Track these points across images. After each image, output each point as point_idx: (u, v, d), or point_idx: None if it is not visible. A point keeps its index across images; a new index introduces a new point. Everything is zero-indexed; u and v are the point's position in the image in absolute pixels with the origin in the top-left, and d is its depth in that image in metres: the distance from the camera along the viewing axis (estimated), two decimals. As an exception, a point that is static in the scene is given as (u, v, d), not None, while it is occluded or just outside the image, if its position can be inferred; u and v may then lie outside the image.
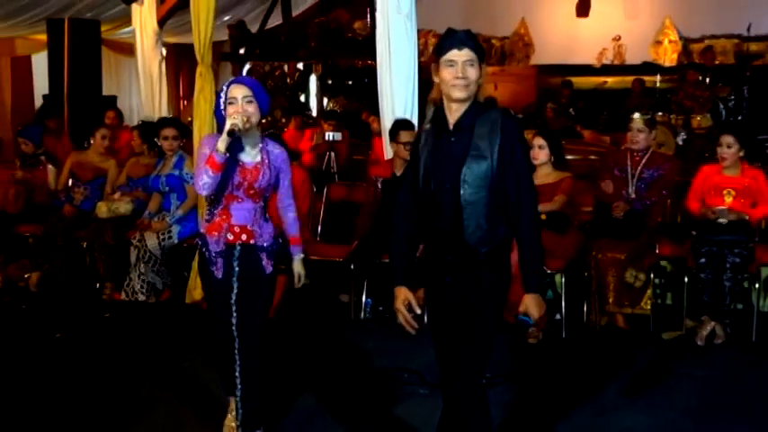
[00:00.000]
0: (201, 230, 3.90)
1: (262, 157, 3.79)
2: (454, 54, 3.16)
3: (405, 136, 6.15)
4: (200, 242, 3.87)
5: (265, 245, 3.85)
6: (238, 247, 3.78)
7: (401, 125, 6.26)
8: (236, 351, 3.77)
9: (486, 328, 3.29)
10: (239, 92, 3.69)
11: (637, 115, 6.16)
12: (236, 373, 3.78)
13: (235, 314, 3.77)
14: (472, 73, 3.16)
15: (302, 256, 4.15)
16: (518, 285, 5.39)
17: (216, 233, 3.77)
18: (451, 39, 3.21)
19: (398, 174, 6.24)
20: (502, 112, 3.28)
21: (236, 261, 3.78)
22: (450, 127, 3.22)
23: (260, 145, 3.81)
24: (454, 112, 3.21)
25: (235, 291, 3.78)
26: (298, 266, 4.13)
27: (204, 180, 3.57)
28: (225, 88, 3.76)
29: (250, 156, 3.77)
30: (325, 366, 5.17)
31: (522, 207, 3.19)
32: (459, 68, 3.15)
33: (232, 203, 3.77)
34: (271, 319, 5.82)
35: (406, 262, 3.37)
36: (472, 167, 3.15)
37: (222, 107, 3.71)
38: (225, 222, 3.78)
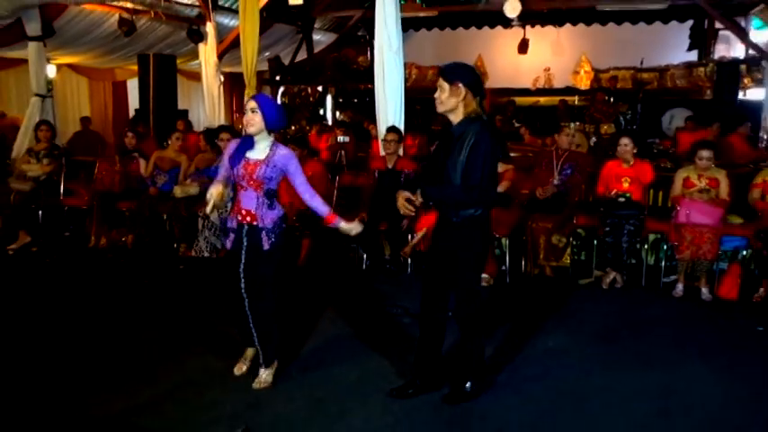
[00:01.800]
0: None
1: (266, 155, 3.51)
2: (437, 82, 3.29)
3: (387, 136, 6.23)
4: None
5: (266, 226, 3.54)
6: (246, 227, 3.57)
7: (388, 129, 6.32)
8: (246, 309, 3.63)
9: (462, 277, 3.37)
10: (249, 105, 3.50)
11: (572, 124, 6.18)
12: (251, 325, 3.64)
13: (243, 280, 3.60)
14: (440, 94, 3.26)
15: (342, 224, 3.62)
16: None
17: (233, 213, 3.65)
18: None
19: (390, 166, 6.21)
20: (481, 125, 3.23)
21: (245, 237, 3.58)
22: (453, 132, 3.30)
23: (268, 146, 3.53)
24: (453, 121, 3.29)
25: (243, 262, 3.59)
26: (344, 228, 3.63)
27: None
28: (246, 101, 3.62)
29: (256, 153, 3.53)
30: (336, 302, 5.16)
31: (461, 182, 3.20)
32: (435, 93, 3.27)
33: (240, 191, 3.60)
34: (300, 266, 5.91)
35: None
36: (453, 161, 3.20)
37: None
38: (237, 206, 3.63)
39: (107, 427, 3.29)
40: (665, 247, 5.63)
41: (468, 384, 3.50)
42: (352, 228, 3.67)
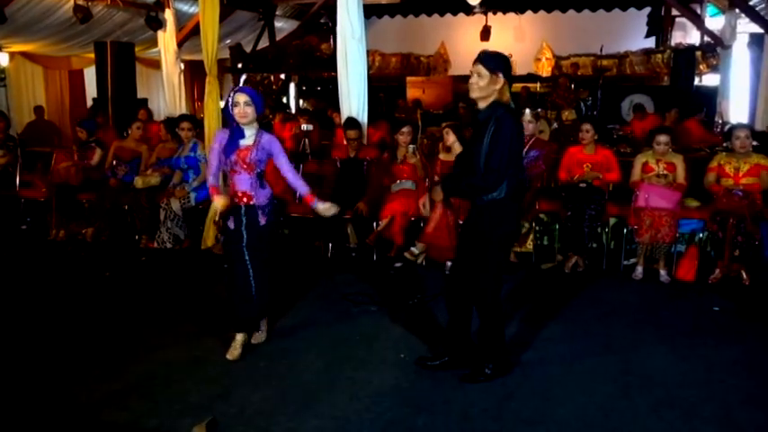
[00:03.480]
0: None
1: (254, 141, 3.85)
2: (471, 68, 3.39)
3: (349, 133, 6.15)
4: None
5: (261, 204, 3.90)
6: (243, 207, 3.89)
7: (348, 125, 6.20)
8: (251, 278, 3.92)
9: (484, 254, 3.44)
10: (241, 98, 3.77)
11: (527, 111, 6.20)
12: (254, 292, 3.92)
13: (247, 254, 3.90)
14: (477, 80, 3.34)
15: (319, 205, 3.98)
16: (445, 235, 5.45)
17: (231, 196, 3.94)
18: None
19: (352, 156, 6.18)
20: (505, 110, 3.34)
21: (244, 217, 3.89)
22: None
23: (255, 133, 3.87)
24: (480, 107, 3.40)
25: (245, 238, 3.89)
26: (320, 208, 3.98)
27: (209, 177, 3.99)
28: (231, 94, 3.83)
29: (246, 140, 3.85)
30: (302, 292, 5.15)
31: (483, 170, 3.31)
32: (471, 78, 3.36)
33: (234, 175, 3.90)
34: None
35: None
36: (478, 148, 3.33)
37: (230, 108, 3.80)
38: (233, 189, 3.91)
39: (70, 422, 3.24)
40: (625, 230, 5.74)
41: (488, 367, 3.61)
42: (328, 208, 4.01)
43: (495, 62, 3.35)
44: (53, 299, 5.00)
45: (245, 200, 3.89)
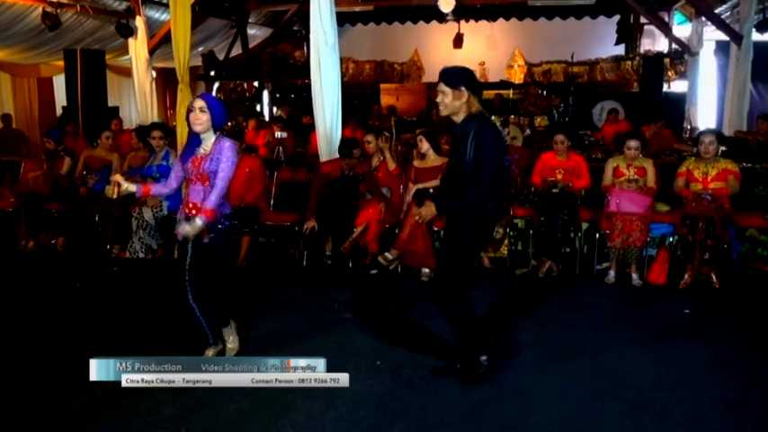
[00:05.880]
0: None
1: (211, 150, 3.63)
2: (437, 88, 3.45)
3: (356, 153, 5.97)
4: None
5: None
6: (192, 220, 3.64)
7: (352, 145, 6.00)
8: (191, 301, 3.71)
9: (447, 255, 3.64)
10: (197, 104, 3.64)
11: (493, 117, 6.26)
12: (199, 315, 3.75)
13: (187, 272, 3.67)
14: (443, 98, 3.41)
15: (199, 223, 3.54)
16: (420, 242, 5.45)
17: (183, 206, 3.78)
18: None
19: (346, 173, 6.05)
20: (480, 122, 3.38)
21: None
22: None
23: (213, 141, 3.65)
24: (456, 122, 3.45)
25: (189, 254, 3.66)
26: (188, 226, 3.57)
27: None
28: (193, 100, 3.73)
29: (203, 148, 3.67)
30: (277, 298, 5.12)
31: (470, 183, 3.33)
32: (437, 97, 3.45)
33: (189, 185, 3.73)
34: (239, 266, 5.83)
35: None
36: (461, 162, 3.36)
37: (187, 113, 3.70)
38: (186, 199, 3.76)
39: (39, 437, 3.18)
40: (597, 235, 5.79)
41: (457, 365, 3.71)
42: (186, 230, 3.58)
43: (454, 77, 3.40)
44: (22, 311, 4.90)
45: (193, 212, 3.65)
